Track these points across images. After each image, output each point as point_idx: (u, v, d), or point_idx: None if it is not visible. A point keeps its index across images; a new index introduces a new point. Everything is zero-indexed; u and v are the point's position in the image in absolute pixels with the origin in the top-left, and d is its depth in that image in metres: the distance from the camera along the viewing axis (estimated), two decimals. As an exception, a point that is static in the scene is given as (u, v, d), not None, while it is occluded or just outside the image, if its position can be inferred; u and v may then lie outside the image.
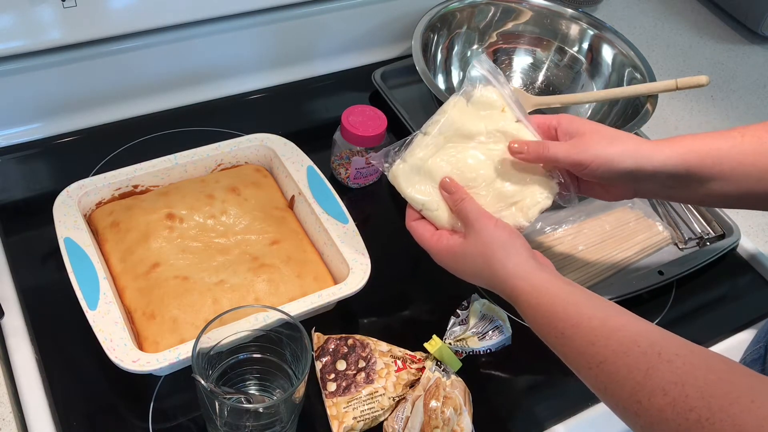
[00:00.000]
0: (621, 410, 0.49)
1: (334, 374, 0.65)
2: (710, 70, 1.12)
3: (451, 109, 0.66)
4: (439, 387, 0.63)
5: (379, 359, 0.65)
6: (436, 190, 0.66)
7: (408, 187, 0.66)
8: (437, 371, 0.65)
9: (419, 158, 0.66)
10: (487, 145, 0.66)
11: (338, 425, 0.62)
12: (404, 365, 0.65)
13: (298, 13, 0.93)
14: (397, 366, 0.65)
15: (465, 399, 0.64)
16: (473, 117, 0.66)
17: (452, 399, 0.63)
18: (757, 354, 0.59)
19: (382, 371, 0.65)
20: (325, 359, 0.66)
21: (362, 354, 0.65)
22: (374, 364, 0.65)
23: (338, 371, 0.65)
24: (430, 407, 0.62)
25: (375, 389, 0.63)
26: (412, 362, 0.66)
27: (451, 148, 0.66)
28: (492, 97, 0.66)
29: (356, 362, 0.65)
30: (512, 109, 0.66)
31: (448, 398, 0.63)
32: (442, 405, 0.62)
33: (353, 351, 0.66)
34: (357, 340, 0.66)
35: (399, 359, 0.66)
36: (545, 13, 0.98)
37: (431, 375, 0.64)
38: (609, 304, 0.55)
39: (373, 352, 0.66)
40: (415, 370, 0.65)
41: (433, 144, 0.66)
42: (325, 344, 0.66)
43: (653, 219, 0.85)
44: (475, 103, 0.66)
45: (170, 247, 0.69)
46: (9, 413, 0.61)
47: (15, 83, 0.81)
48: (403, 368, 0.65)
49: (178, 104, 0.91)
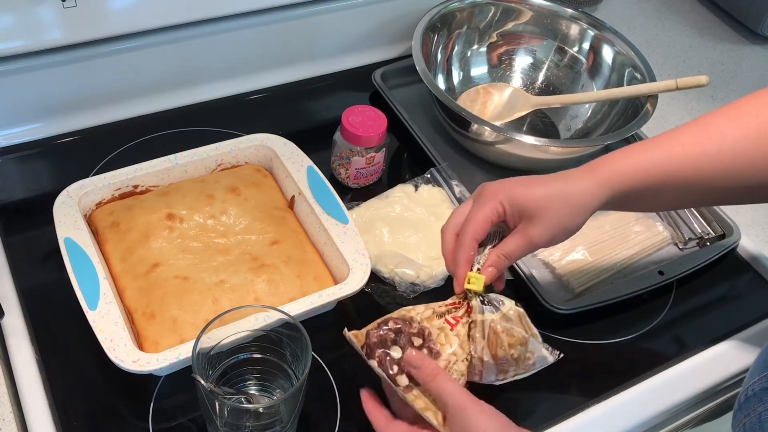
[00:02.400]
0: None
1: (396, 366, 0.59)
2: (710, 70, 1.12)
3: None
4: (497, 333, 0.60)
5: (431, 327, 0.61)
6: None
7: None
8: (487, 310, 0.61)
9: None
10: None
11: (434, 415, 0.56)
12: (455, 320, 0.61)
13: (298, 13, 0.93)
14: (450, 324, 0.61)
15: (524, 326, 0.61)
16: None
17: (515, 337, 0.60)
18: (767, 382, 0.58)
19: (440, 337, 0.60)
20: (378, 354, 0.59)
21: (412, 331, 0.60)
22: (429, 335, 0.60)
23: (397, 360, 0.59)
24: (500, 357, 0.60)
25: (447, 360, 0.59)
26: (456, 310, 0.62)
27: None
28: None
29: (410, 342, 0.60)
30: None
31: (512, 338, 0.60)
32: (509, 349, 0.60)
33: (400, 333, 0.60)
34: (396, 319, 0.61)
35: (446, 315, 0.62)
36: (545, 13, 0.98)
37: (481, 317, 0.61)
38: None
39: (422, 323, 0.61)
40: (463, 315, 0.62)
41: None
42: (368, 340, 0.60)
43: (653, 219, 0.85)
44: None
45: (170, 247, 0.69)
46: (9, 413, 0.61)
47: (15, 83, 0.81)
48: (455, 323, 0.61)
49: (178, 104, 0.91)
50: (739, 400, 0.59)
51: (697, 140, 0.61)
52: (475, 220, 0.62)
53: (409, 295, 0.73)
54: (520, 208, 0.61)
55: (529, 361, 0.62)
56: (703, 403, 0.76)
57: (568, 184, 0.62)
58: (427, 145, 0.88)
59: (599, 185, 0.61)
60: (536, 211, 0.61)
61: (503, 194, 0.62)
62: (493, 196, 0.62)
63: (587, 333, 0.75)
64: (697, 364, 0.74)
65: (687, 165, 0.61)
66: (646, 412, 0.69)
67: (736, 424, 0.58)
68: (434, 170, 0.84)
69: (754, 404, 0.57)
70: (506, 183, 0.63)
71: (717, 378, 0.73)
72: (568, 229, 0.62)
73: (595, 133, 0.93)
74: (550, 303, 0.74)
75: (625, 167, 0.62)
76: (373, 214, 0.79)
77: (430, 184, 0.83)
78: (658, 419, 0.71)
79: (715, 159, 0.61)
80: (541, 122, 0.97)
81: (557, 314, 0.74)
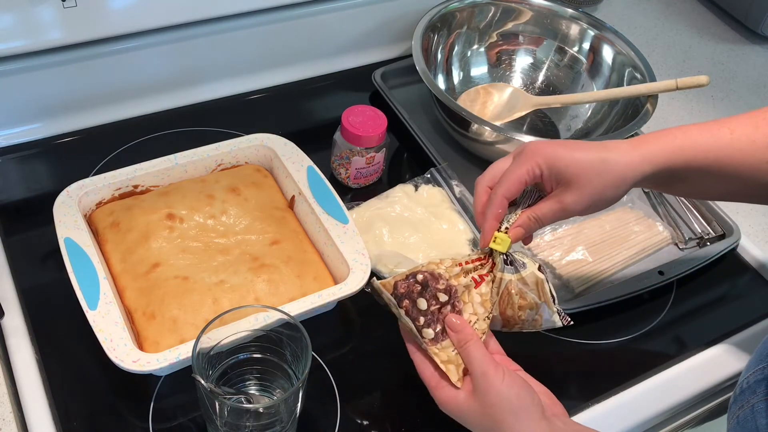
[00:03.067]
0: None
1: (423, 318, 0.60)
2: (710, 70, 1.12)
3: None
4: (511, 293, 0.61)
5: (458, 285, 0.61)
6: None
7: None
8: (507, 270, 0.62)
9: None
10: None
11: (456, 369, 0.59)
12: (481, 278, 0.62)
13: (298, 13, 0.93)
14: (476, 282, 0.62)
15: (539, 292, 0.62)
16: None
17: (527, 301, 0.61)
18: (761, 375, 0.58)
19: (464, 295, 0.61)
20: (405, 303, 0.61)
21: (438, 287, 0.61)
22: (456, 293, 0.61)
23: (422, 311, 0.60)
24: (507, 315, 0.61)
25: (468, 320, 0.60)
26: (482, 267, 0.63)
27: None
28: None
29: (435, 296, 0.61)
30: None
31: (523, 300, 0.61)
32: (518, 310, 0.61)
33: (427, 287, 0.61)
34: (425, 272, 0.61)
35: (472, 272, 0.62)
36: (545, 13, 0.98)
37: (500, 275, 0.62)
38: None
39: (449, 281, 0.61)
40: (487, 273, 0.63)
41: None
42: (395, 290, 0.61)
43: (653, 219, 0.85)
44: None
45: (170, 247, 0.69)
46: (9, 413, 0.61)
47: (15, 83, 0.81)
48: (480, 281, 0.62)
49: (178, 104, 0.91)
50: (735, 392, 0.59)
51: (746, 129, 0.61)
52: (508, 180, 0.61)
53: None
54: (558, 172, 0.60)
55: (537, 323, 0.63)
56: (703, 403, 0.76)
57: (611, 153, 0.61)
58: (427, 145, 0.88)
59: (643, 159, 0.60)
60: (573, 178, 0.60)
61: (542, 157, 0.61)
62: (532, 157, 0.61)
63: (587, 333, 0.75)
64: (697, 364, 0.74)
65: (734, 153, 0.60)
66: (646, 412, 0.69)
67: (731, 416, 0.58)
68: (434, 170, 0.84)
69: (748, 396, 0.57)
70: (548, 145, 0.62)
71: (717, 378, 0.73)
72: (605, 200, 0.61)
73: (595, 133, 0.93)
74: (550, 303, 0.74)
75: (670, 145, 0.61)
76: (373, 214, 0.79)
77: (430, 184, 0.83)
78: (658, 419, 0.71)
79: (763, 151, 0.60)
80: (541, 122, 0.97)
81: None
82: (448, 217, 0.80)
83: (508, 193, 0.62)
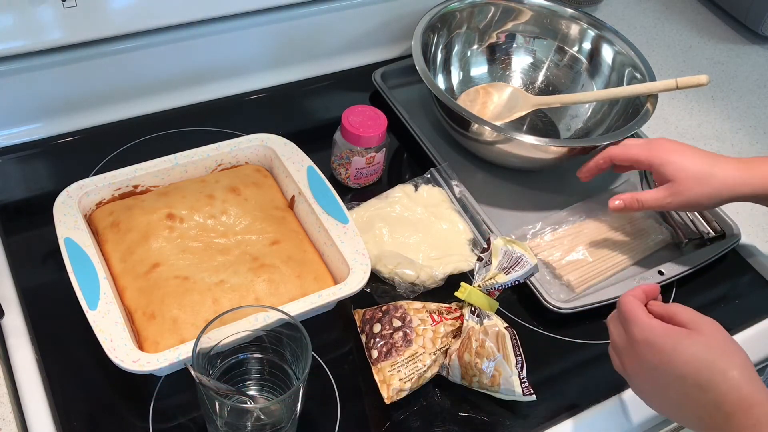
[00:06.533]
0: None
1: (373, 340, 0.66)
2: (710, 70, 1.12)
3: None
4: (471, 338, 0.64)
5: (414, 316, 0.66)
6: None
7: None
8: (472, 319, 0.65)
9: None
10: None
11: (387, 388, 0.63)
12: (440, 318, 0.66)
13: (298, 13, 0.93)
14: (433, 320, 0.66)
15: (498, 344, 0.64)
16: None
17: (485, 348, 0.63)
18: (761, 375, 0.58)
19: (419, 327, 0.65)
20: (366, 329, 0.67)
21: (396, 314, 0.66)
22: (410, 322, 0.66)
23: (375, 333, 0.66)
24: (464, 360, 0.64)
25: (415, 350, 0.64)
26: (448, 313, 0.67)
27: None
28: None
29: (390, 322, 0.66)
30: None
31: (482, 348, 0.63)
32: (475, 357, 0.63)
33: (387, 314, 0.67)
34: (391, 304, 0.68)
35: (434, 313, 0.67)
36: (545, 13, 0.98)
37: (466, 323, 0.65)
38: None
39: (407, 311, 0.67)
40: (453, 320, 0.66)
41: None
42: (363, 317, 0.68)
43: (653, 219, 0.85)
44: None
45: (170, 247, 0.69)
46: (9, 413, 0.61)
47: (15, 83, 0.81)
48: (439, 321, 0.66)
49: (178, 104, 0.91)
50: None
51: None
52: (625, 151, 0.75)
53: (408, 295, 0.73)
54: (666, 173, 0.73)
55: (495, 380, 0.64)
56: (703, 403, 0.76)
57: (715, 169, 0.71)
58: (427, 145, 0.88)
59: (744, 183, 0.70)
60: (677, 181, 0.72)
61: (659, 156, 0.73)
62: (653, 151, 0.73)
63: (587, 333, 0.75)
64: (697, 364, 0.74)
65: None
66: (646, 412, 0.69)
67: None
68: (434, 170, 0.84)
69: None
70: (670, 148, 0.73)
71: (717, 378, 0.73)
72: (700, 206, 0.73)
73: (595, 132, 0.93)
74: (550, 303, 0.74)
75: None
76: (373, 214, 0.79)
77: (430, 184, 0.83)
78: (658, 419, 0.71)
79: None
80: (541, 122, 0.97)
81: (557, 314, 0.74)
82: (448, 217, 0.80)
83: (617, 157, 0.76)
